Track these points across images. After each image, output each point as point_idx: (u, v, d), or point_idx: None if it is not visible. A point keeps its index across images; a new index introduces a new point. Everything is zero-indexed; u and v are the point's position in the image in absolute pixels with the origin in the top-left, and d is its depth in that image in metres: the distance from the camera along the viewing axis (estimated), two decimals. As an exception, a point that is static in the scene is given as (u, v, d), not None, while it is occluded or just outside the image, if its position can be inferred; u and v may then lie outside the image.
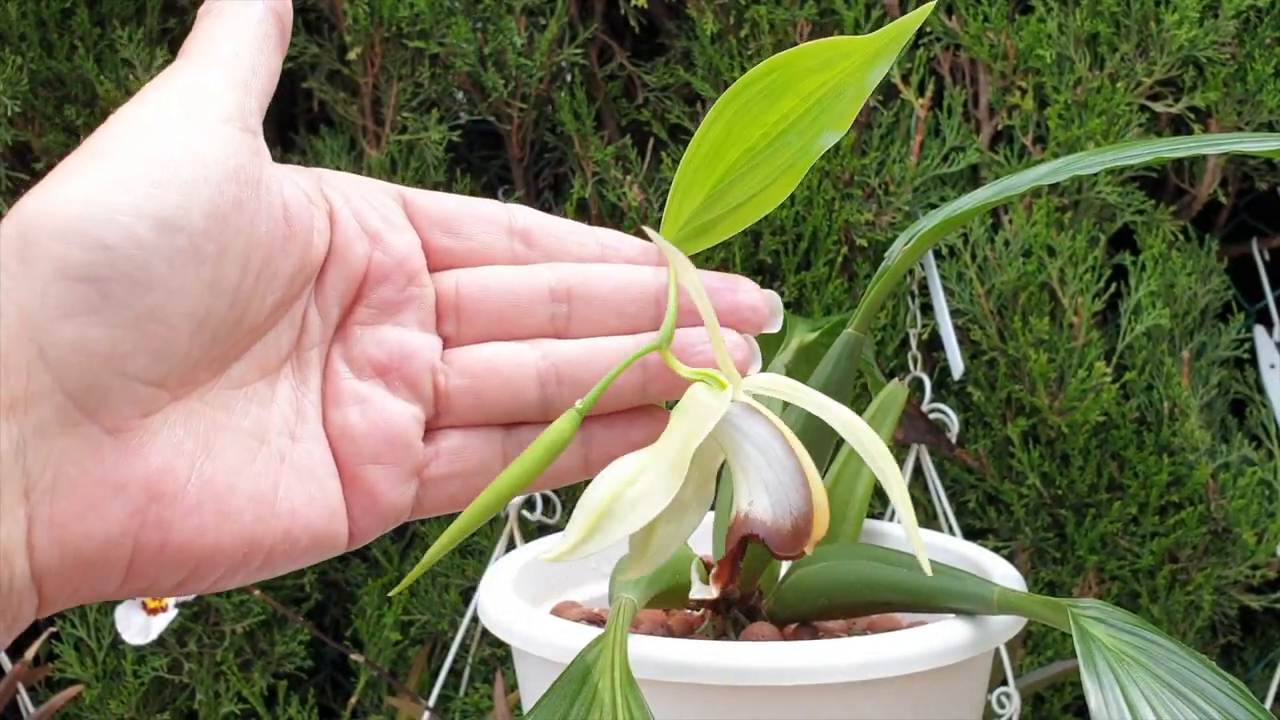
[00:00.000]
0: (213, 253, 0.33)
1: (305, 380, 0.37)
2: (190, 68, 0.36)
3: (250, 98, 0.36)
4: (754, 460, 0.36)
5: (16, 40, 0.95)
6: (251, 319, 0.35)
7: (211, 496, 0.34)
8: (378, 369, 0.38)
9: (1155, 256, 0.90)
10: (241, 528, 0.35)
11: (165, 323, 0.33)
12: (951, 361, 0.88)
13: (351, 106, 0.98)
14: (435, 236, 0.39)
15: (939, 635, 0.53)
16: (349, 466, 0.37)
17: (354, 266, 0.38)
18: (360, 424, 0.37)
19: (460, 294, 0.39)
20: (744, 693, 0.52)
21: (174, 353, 0.33)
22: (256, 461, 0.35)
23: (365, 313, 0.38)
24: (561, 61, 0.95)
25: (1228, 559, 0.90)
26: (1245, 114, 0.88)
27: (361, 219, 0.38)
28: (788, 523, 0.35)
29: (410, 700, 0.95)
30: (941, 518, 0.89)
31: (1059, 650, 0.93)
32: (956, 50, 0.92)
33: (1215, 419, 0.94)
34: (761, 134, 0.40)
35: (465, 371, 0.39)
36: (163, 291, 0.32)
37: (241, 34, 0.37)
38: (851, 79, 0.39)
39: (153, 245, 0.32)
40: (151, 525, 0.33)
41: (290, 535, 0.36)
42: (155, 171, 0.33)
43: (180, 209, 0.33)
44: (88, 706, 1.00)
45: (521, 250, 0.40)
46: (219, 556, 0.34)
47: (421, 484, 0.38)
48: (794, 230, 0.93)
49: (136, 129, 0.34)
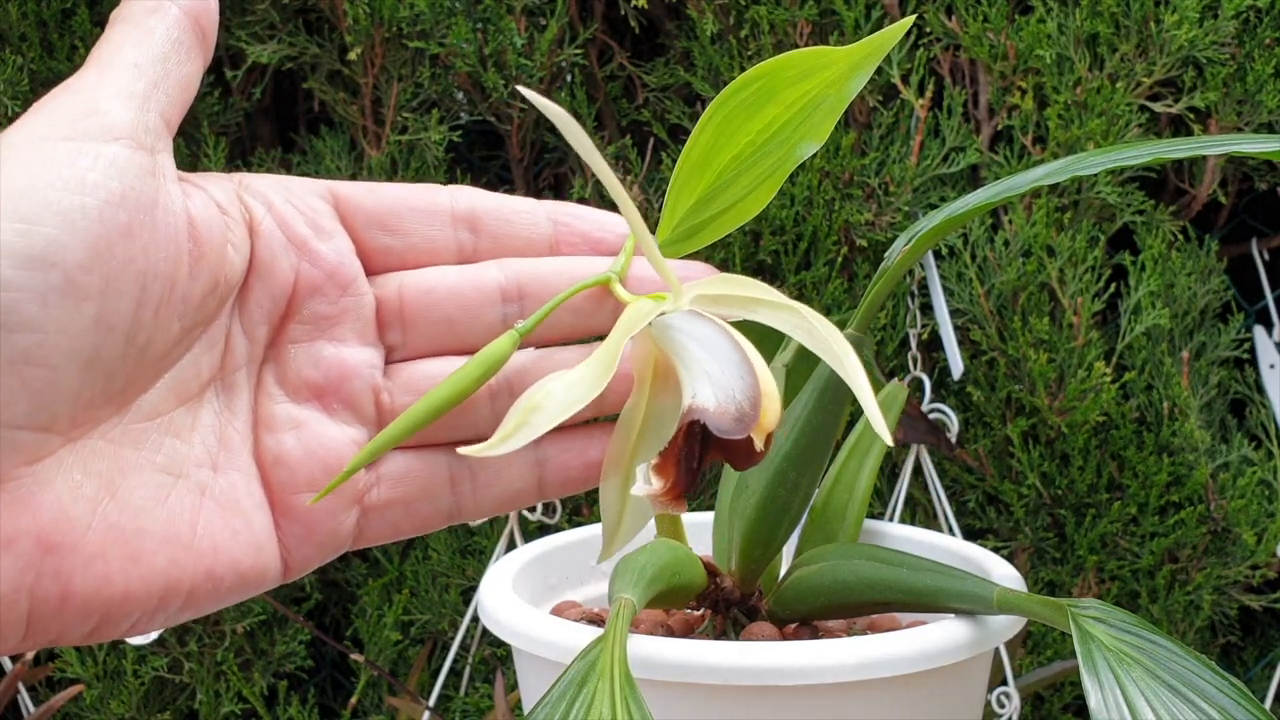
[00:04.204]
0: (96, 287, 0.31)
1: (231, 405, 0.35)
2: (84, 82, 0.33)
3: (148, 113, 0.33)
4: (696, 356, 0.35)
5: (17, 40, 0.95)
6: (157, 348, 0.33)
7: (117, 541, 0.32)
8: (314, 391, 0.36)
9: (1155, 256, 0.90)
10: (153, 571, 0.32)
11: (44, 365, 0.30)
12: (951, 361, 0.88)
13: (351, 106, 0.98)
14: (372, 236, 0.37)
15: (939, 635, 0.53)
16: (282, 496, 0.35)
17: (280, 281, 0.35)
18: (296, 450, 0.35)
19: (404, 300, 0.37)
20: (744, 693, 0.52)
21: (60, 395, 0.30)
22: (171, 499, 0.33)
23: (298, 329, 0.36)
24: (561, 61, 0.95)
25: (1227, 559, 0.90)
26: (1245, 114, 0.88)
27: (286, 227, 0.36)
28: (732, 407, 0.34)
29: (410, 700, 0.95)
30: (941, 518, 0.89)
31: (1059, 650, 0.93)
32: (956, 50, 0.92)
33: (1215, 419, 0.94)
34: (748, 141, 0.40)
35: (412, 389, 0.36)
36: (37, 332, 0.30)
37: (146, 42, 0.34)
38: (831, 89, 0.39)
39: (20, 285, 0.29)
40: (48, 578, 0.31)
41: (213, 574, 0.33)
42: (24, 205, 0.30)
43: (52, 244, 0.30)
44: (88, 706, 1.00)
45: (468, 240, 0.37)
46: (130, 603, 0.32)
47: (362, 512, 0.36)
48: (794, 230, 0.93)
49: (16, 154, 0.31)
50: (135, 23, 0.35)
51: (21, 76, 0.93)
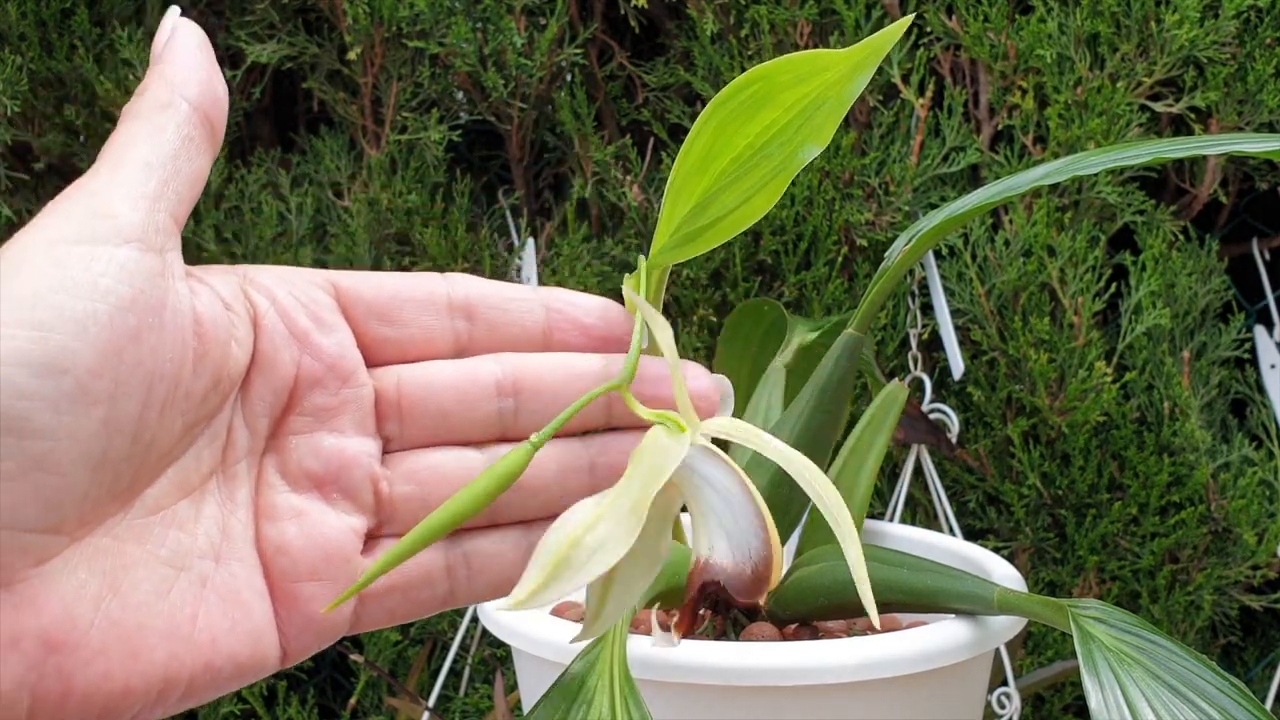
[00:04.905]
0: (105, 391, 0.31)
1: (233, 495, 0.35)
2: (97, 183, 0.33)
3: (158, 213, 0.33)
4: (714, 505, 0.35)
5: (16, 40, 0.95)
6: (162, 445, 0.33)
7: (118, 639, 0.32)
8: (314, 481, 0.36)
9: (1155, 256, 0.90)
10: (153, 667, 0.32)
11: (55, 470, 0.30)
12: (951, 361, 0.88)
13: (351, 106, 0.98)
14: (372, 327, 0.37)
15: (939, 635, 0.53)
16: (283, 584, 0.35)
17: (282, 375, 0.36)
18: (297, 540, 0.35)
19: (402, 393, 0.37)
20: (744, 693, 0.52)
21: (69, 498, 0.31)
22: (173, 593, 0.33)
23: (299, 421, 0.36)
24: (561, 61, 0.95)
25: (1228, 559, 0.90)
26: (1246, 114, 0.88)
27: (289, 320, 0.36)
28: (748, 568, 0.35)
29: (410, 700, 0.95)
30: (942, 518, 0.89)
31: (1059, 650, 0.93)
32: (957, 50, 0.92)
33: (1215, 419, 0.93)
34: (746, 144, 0.40)
35: (412, 478, 0.37)
36: (49, 439, 0.30)
37: (157, 139, 0.34)
38: (831, 91, 0.39)
39: (34, 393, 0.30)
40: (51, 676, 0.31)
41: (211, 666, 0.34)
42: (39, 312, 0.30)
43: (65, 351, 0.30)
44: (87, 706, 0.99)
45: (464, 328, 0.38)
46: (130, 698, 0.32)
47: (360, 600, 0.36)
48: (794, 230, 0.93)
49: (28, 257, 0.31)
50: (146, 119, 0.35)
51: (21, 76, 0.93)
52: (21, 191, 0.99)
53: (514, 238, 0.99)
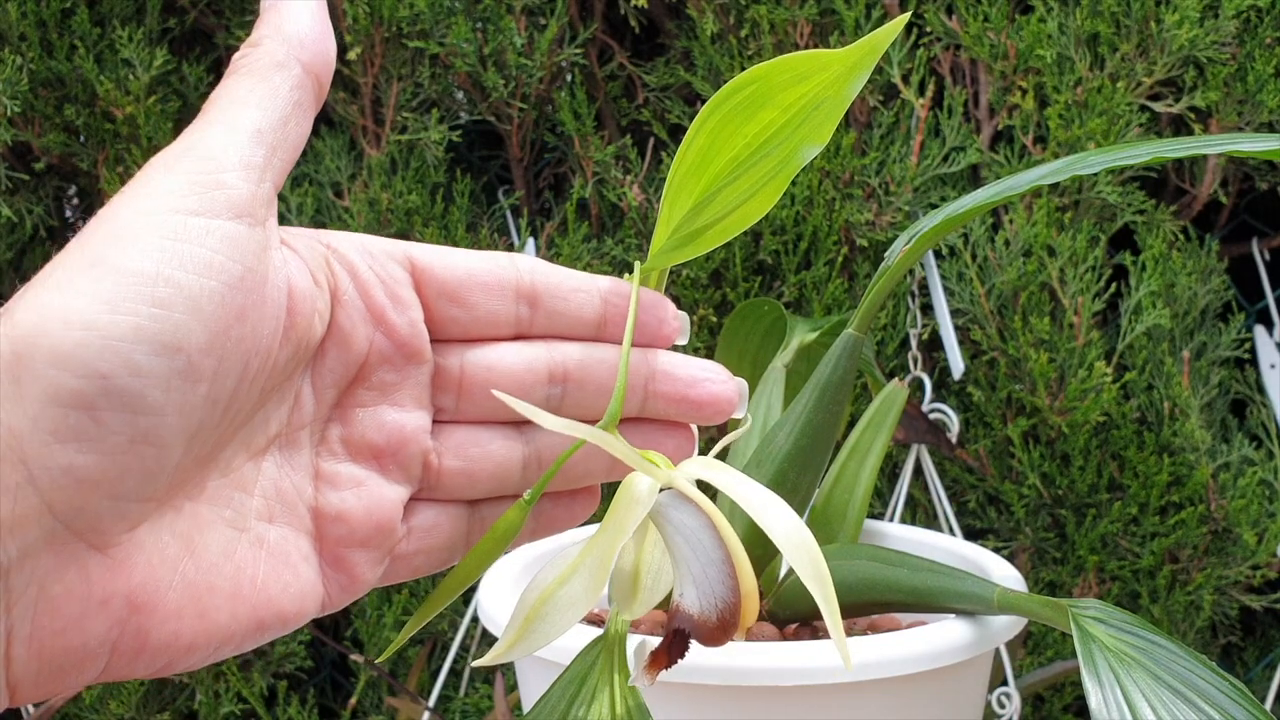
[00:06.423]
0: (211, 369, 0.32)
1: (291, 459, 0.36)
2: (208, 144, 0.33)
3: (266, 182, 0.34)
4: (683, 552, 0.36)
5: (16, 40, 0.95)
6: (244, 413, 0.34)
7: (191, 599, 0.33)
8: (374, 452, 0.37)
9: (1155, 256, 0.90)
10: (216, 626, 0.34)
11: (158, 443, 0.31)
12: (951, 361, 0.88)
13: (351, 106, 0.98)
14: (442, 307, 0.38)
15: (939, 635, 0.53)
16: (336, 549, 0.37)
17: (356, 349, 0.37)
18: (357, 509, 0.37)
19: (464, 374, 0.38)
20: (744, 693, 0.52)
21: (166, 468, 0.32)
22: (236, 554, 0.34)
23: (365, 394, 0.37)
24: (561, 61, 0.95)
25: (1228, 559, 0.90)
26: (1245, 114, 0.88)
27: (367, 296, 0.37)
28: (713, 616, 0.36)
29: (410, 700, 0.95)
30: (941, 518, 0.89)
31: (1059, 650, 0.93)
32: (957, 50, 0.92)
33: (1215, 419, 0.93)
34: (744, 144, 0.40)
35: (461, 454, 0.38)
36: (157, 415, 0.31)
37: (270, 103, 0.35)
38: (829, 91, 0.39)
39: (149, 371, 0.31)
40: (130, 634, 0.32)
41: (262, 624, 0.35)
42: (159, 289, 0.31)
43: (181, 330, 0.31)
44: (88, 706, 1.00)
45: (525, 314, 0.39)
46: (193, 654, 0.34)
47: (391, 560, 0.38)
48: (794, 230, 0.93)
49: (141, 227, 0.31)
50: (261, 77, 0.35)
51: (21, 76, 0.93)
52: (21, 191, 0.99)
53: (514, 238, 0.99)
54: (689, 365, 0.40)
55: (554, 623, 0.37)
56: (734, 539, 0.37)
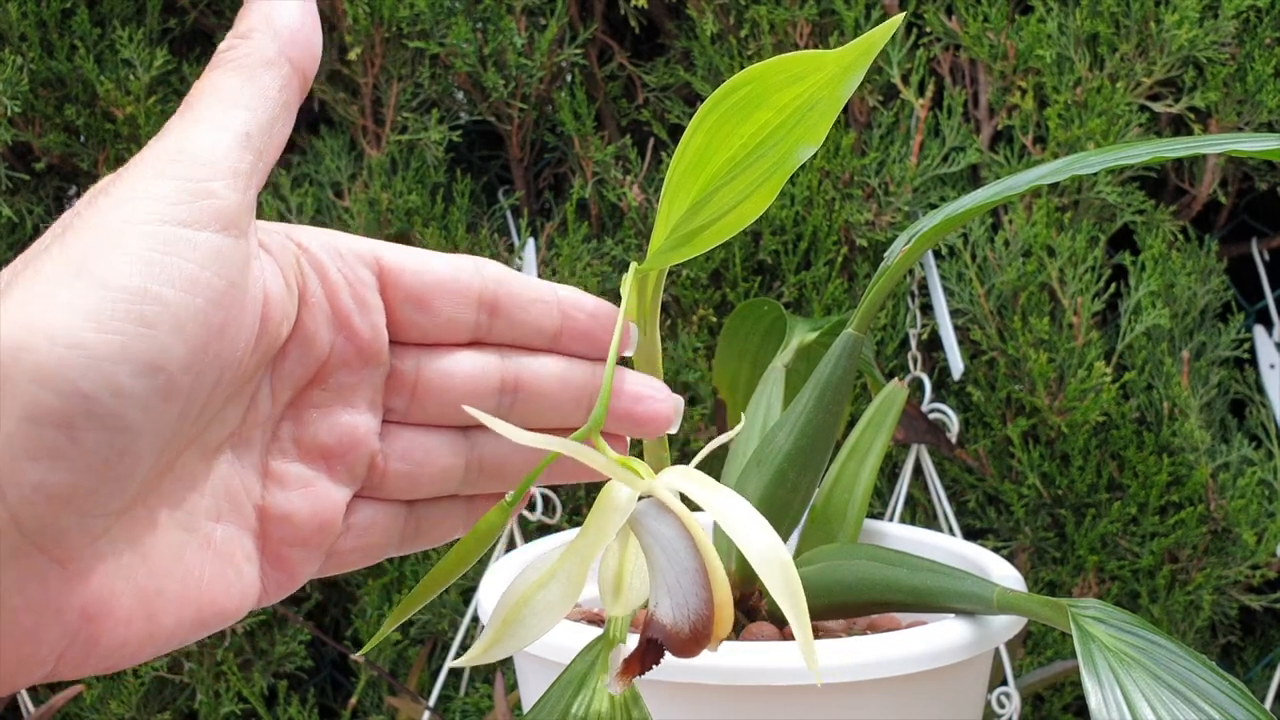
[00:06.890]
0: (187, 386, 0.31)
1: (243, 458, 0.36)
2: (195, 145, 0.33)
3: (251, 189, 0.33)
4: (659, 562, 0.37)
5: (16, 40, 0.95)
6: (205, 419, 0.34)
7: (141, 605, 0.33)
8: (323, 453, 0.37)
9: (1155, 256, 0.90)
10: (163, 629, 0.33)
11: (131, 460, 0.31)
12: (951, 361, 0.88)
13: (351, 106, 0.98)
14: (405, 312, 0.38)
15: (939, 635, 0.53)
16: (279, 548, 0.36)
17: (317, 352, 0.36)
18: (303, 510, 0.36)
19: (420, 379, 0.38)
20: (744, 693, 0.52)
21: (134, 484, 0.31)
22: (185, 556, 0.34)
23: (320, 395, 0.37)
24: (561, 61, 0.95)
25: (1228, 559, 0.90)
26: (1245, 114, 0.88)
27: (334, 301, 0.36)
28: (685, 627, 0.36)
29: (410, 700, 0.95)
30: (941, 518, 0.89)
31: (1059, 650, 0.93)
32: (956, 50, 0.92)
33: (1215, 419, 0.94)
34: (741, 144, 0.40)
35: (407, 458, 0.38)
36: (134, 434, 0.30)
37: (259, 105, 0.34)
38: (824, 92, 0.39)
39: (130, 391, 0.30)
40: (80, 642, 0.32)
41: (204, 623, 0.35)
42: (146, 307, 0.30)
43: (165, 349, 0.30)
44: (88, 706, 1.00)
45: (485, 321, 0.39)
46: (138, 656, 0.33)
47: (327, 557, 0.38)
48: (794, 230, 0.93)
49: (128, 236, 0.31)
50: (250, 75, 0.34)
51: (21, 76, 0.93)
52: (22, 191, 0.99)
53: (514, 238, 0.99)
54: (634, 381, 0.40)
55: (531, 625, 0.37)
56: (710, 550, 0.36)
